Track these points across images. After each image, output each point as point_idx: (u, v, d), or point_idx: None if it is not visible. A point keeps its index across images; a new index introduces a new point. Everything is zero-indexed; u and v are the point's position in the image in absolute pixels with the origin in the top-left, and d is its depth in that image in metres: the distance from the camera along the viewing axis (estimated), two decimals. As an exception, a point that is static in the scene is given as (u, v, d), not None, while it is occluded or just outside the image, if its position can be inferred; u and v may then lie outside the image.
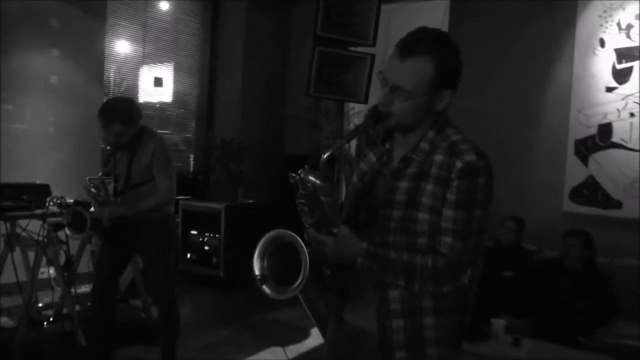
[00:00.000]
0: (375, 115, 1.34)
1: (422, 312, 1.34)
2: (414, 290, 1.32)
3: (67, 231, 3.01)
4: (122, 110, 2.83)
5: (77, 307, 3.57)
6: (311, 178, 1.33)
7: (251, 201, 5.05)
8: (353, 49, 4.39)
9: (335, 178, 1.46)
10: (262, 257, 1.41)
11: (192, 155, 5.69)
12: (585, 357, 2.67)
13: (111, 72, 4.85)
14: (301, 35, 5.53)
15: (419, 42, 1.29)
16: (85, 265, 3.85)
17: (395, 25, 5.23)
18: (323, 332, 1.56)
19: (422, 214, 1.31)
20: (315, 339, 3.54)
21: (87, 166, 4.30)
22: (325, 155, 1.33)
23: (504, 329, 2.74)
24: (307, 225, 1.38)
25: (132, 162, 2.88)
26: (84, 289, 3.84)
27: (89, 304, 3.51)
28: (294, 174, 1.37)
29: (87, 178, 3.75)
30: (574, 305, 3.25)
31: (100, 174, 3.07)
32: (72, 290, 3.54)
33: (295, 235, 1.38)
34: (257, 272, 1.40)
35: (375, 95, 4.91)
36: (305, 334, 3.63)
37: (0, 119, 4.05)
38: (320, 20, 4.15)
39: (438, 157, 1.32)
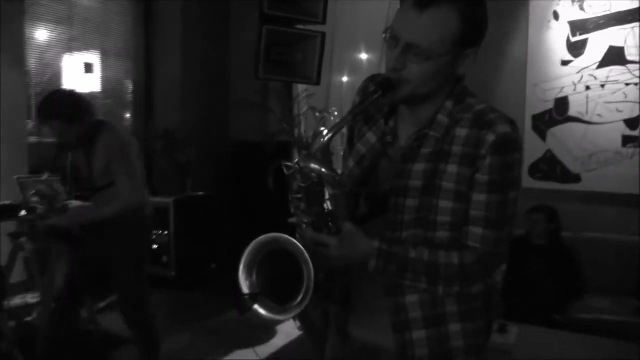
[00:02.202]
0: (386, 84, 1.09)
1: (446, 319, 1.14)
2: (438, 294, 1.12)
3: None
4: (59, 105, 2.51)
5: (12, 324, 3.19)
6: (314, 166, 1.08)
7: (201, 193, 4.73)
8: (302, 27, 4.15)
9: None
10: (249, 271, 1.13)
11: (130, 147, 5.26)
12: (571, 339, 2.62)
13: (34, 59, 4.35)
14: (243, 13, 5.20)
15: None
16: (18, 275, 3.44)
17: (342, 2, 5.04)
18: (319, 349, 1.34)
19: (444, 202, 1.10)
20: (282, 337, 3.33)
21: (12, 163, 3.83)
22: (327, 138, 1.09)
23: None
24: (304, 226, 1.14)
25: (91, 163, 2.57)
26: (20, 301, 3.44)
27: (29, 318, 3.19)
28: (289, 164, 1.12)
29: (16, 177, 3.34)
30: (545, 281, 3.22)
31: (47, 174, 2.76)
32: (5, 304, 3.16)
33: (292, 239, 1.13)
34: (245, 290, 1.13)
35: (326, 77, 4.75)
36: (271, 333, 3.41)
37: None
38: (266, -3, 3.89)
39: (462, 132, 1.10)
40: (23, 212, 3.04)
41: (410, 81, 1.10)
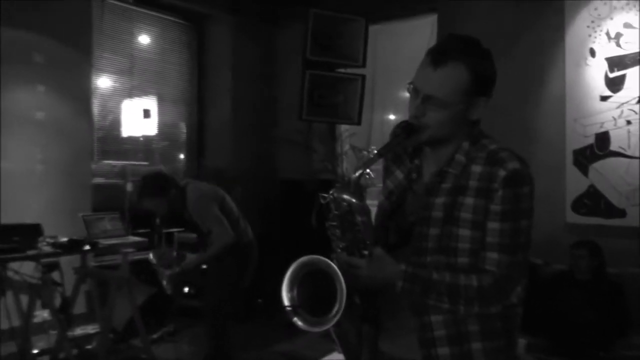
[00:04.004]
0: (408, 129, 1.27)
1: (469, 337, 1.25)
2: (459, 313, 1.23)
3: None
4: (146, 187, 3.19)
5: (75, 351, 3.42)
6: (346, 197, 1.25)
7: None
8: (342, 70, 4.37)
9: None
10: (291, 286, 1.31)
11: (182, 186, 5.57)
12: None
13: (98, 106, 4.75)
14: (287, 59, 5.50)
15: (451, 49, 1.25)
16: (81, 306, 3.70)
17: (382, 45, 5.24)
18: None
19: (463, 230, 1.23)
20: (325, 369, 3.40)
21: (77, 203, 4.17)
22: (358, 174, 1.27)
23: (525, 349, 2.65)
24: (339, 250, 1.30)
25: (191, 220, 3.23)
26: (81, 331, 3.68)
27: (91, 345, 3.44)
28: (325, 194, 1.30)
29: (81, 215, 3.63)
30: (588, 316, 3.18)
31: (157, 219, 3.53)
32: (69, 333, 3.40)
33: (328, 260, 1.30)
34: (286, 302, 1.30)
35: (367, 116, 4.91)
36: (315, 365, 3.50)
37: (-14, 159, 3.91)
38: (309, 43, 4.14)
39: (477, 168, 1.25)
40: (87, 247, 3.32)
41: (430, 126, 1.27)
